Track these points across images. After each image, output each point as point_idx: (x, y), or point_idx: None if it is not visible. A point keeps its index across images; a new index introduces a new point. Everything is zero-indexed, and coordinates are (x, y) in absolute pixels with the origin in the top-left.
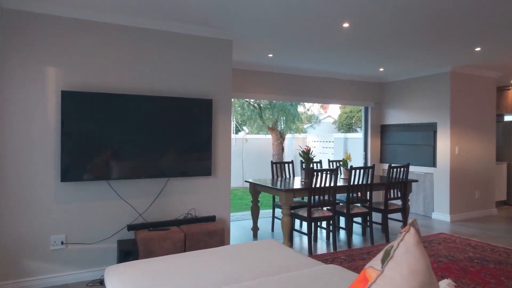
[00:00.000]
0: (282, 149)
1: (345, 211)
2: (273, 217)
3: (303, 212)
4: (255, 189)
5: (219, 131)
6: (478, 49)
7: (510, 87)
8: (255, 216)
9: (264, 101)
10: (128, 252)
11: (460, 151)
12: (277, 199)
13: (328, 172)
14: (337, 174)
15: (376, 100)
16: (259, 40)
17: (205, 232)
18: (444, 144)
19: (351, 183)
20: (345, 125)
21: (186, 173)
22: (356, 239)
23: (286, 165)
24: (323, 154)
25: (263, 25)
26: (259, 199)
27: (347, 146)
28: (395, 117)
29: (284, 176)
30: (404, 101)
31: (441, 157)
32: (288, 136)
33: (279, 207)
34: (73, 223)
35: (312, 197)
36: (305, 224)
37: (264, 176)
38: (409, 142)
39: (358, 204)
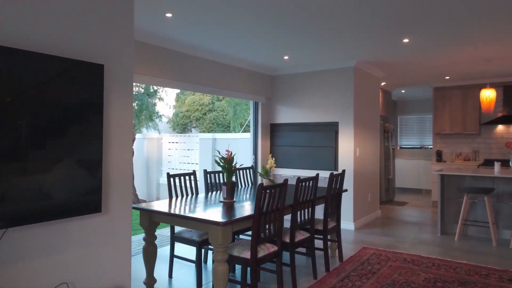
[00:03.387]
0: (132, 153)
1: (288, 240)
2: (172, 256)
3: (242, 252)
4: (152, 220)
5: (114, 124)
6: (406, 40)
7: (380, 90)
8: (150, 263)
9: None
10: None
11: (359, 152)
12: (176, 229)
13: (278, 189)
14: (286, 190)
15: (267, 95)
16: None
17: None
18: (346, 146)
19: (298, 200)
20: (181, 125)
21: (48, 214)
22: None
23: (187, 177)
24: (186, 158)
25: None
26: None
27: (216, 147)
28: (288, 115)
29: (185, 195)
30: (300, 98)
31: (343, 160)
32: (138, 136)
33: (182, 240)
34: None
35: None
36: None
37: None
38: (306, 143)
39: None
